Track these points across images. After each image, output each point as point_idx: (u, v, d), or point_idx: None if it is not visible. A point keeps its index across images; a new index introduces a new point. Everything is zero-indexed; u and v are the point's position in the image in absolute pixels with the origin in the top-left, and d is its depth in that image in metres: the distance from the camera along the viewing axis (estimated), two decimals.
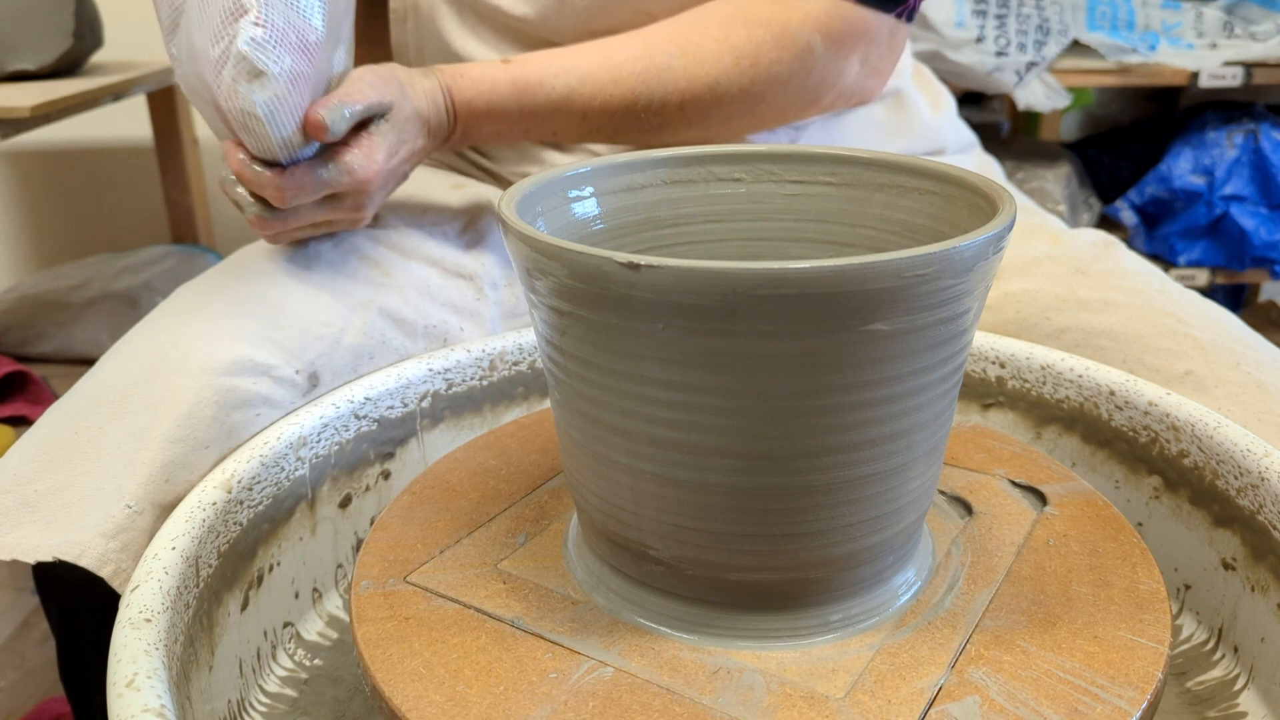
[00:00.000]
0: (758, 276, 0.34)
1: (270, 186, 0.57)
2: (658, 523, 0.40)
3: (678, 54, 0.66)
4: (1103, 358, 0.62)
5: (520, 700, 0.38)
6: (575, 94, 0.65)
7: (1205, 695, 0.49)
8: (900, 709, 0.37)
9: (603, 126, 0.67)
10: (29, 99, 1.18)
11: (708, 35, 0.66)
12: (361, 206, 0.61)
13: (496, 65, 0.65)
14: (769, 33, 0.65)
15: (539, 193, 0.45)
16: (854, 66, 0.69)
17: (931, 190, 0.46)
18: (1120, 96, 2.05)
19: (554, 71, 0.65)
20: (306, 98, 0.56)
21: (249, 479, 0.50)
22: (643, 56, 0.66)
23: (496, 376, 0.64)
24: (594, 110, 0.66)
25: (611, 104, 0.65)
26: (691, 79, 0.66)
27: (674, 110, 0.67)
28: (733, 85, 0.66)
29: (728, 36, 0.66)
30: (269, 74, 0.53)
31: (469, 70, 0.64)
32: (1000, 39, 1.57)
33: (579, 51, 0.66)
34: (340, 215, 0.61)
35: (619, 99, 0.65)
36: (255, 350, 0.56)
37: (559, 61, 0.65)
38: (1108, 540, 0.47)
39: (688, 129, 0.69)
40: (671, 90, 0.66)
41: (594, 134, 0.68)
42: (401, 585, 0.45)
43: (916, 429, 0.39)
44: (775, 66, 0.66)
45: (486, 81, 0.64)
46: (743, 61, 0.65)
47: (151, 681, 0.37)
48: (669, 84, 0.66)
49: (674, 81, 0.66)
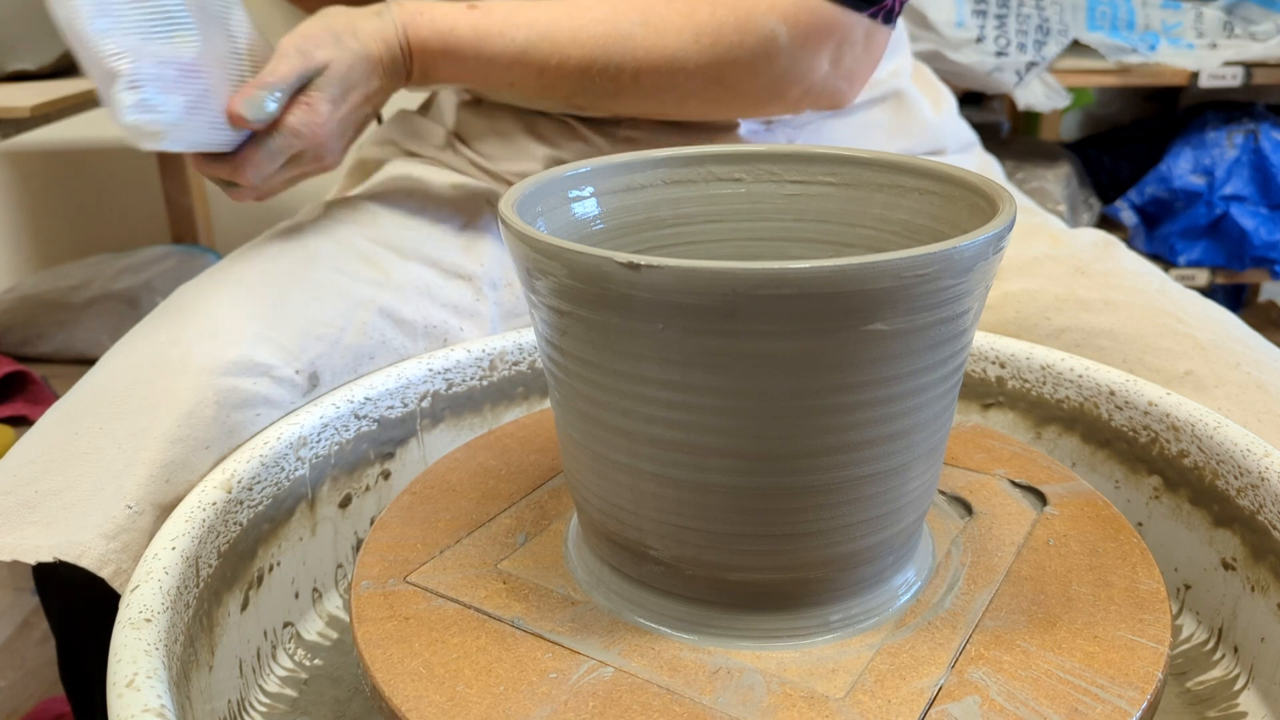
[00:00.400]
0: (758, 276, 0.34)
1: (227, 173, 0.59)
2: (658, 523, 0.40)
3: (640, 22, 0.66)
4: (1103, 358, 0.62)
5: (520, 700, 0.38)
6: (533, 48, 0.65)
7: (1205, 695, 0.49)
8: (900, 709, 0.37)
9: (559, 85, 0.67)
10: (29, 99, 1.18)
11: (673, 9, 0.66)
12: (322, 158, 0.63)
13: (460, 9, 0.65)
14: (733, 15, 0.65)
15: (539, 193, 0.45)
16: (823, 64, 0.68)
17: (931, 190, 0.46)
18: (1120, 96, 2.05)
19: (515, 24, 0.65)
20: (219, 97, 0.57)
21: (249, 479, 0.50)
22: (606, 20, 0.66)
23: (496, 376, 0.64)
24: (550, 68, 0.66)
25: (568, 64, 0.66)
26: (650, 49, 0.66)
27: (629, 78, 0.67)
28: (689, 61, 0.66)
29: (692, 12, 0.66)
30: (163, 128, 0.54)
31: (430, 9, 0.64)
32: (1000, 39, 1.57)
33: (545, 7, 0.66)
34: (307, 168, 0.63)
35: (576, 59, 0.65)
36: (255, 350, 0.56)
37: (523, 15, 0.65)
38: (1108, 540, 0.47)
39: (643, 101, 0.69)
40: (629, 59, 0.66)
41: (550, 91, 0.68)
42: (401, 585, 0.45)
43: (916, 429, 0.39)
44: (735, 50, 0.66)
45: (446, 22, 0.64)
46: (702, 39, 0.65)
47: (151, 681, 0.37)
48: (627, 52, 0.66)
49: (633, 50, 0.66)
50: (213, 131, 0.57)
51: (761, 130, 0.76)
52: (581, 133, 0.77)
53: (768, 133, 0.76)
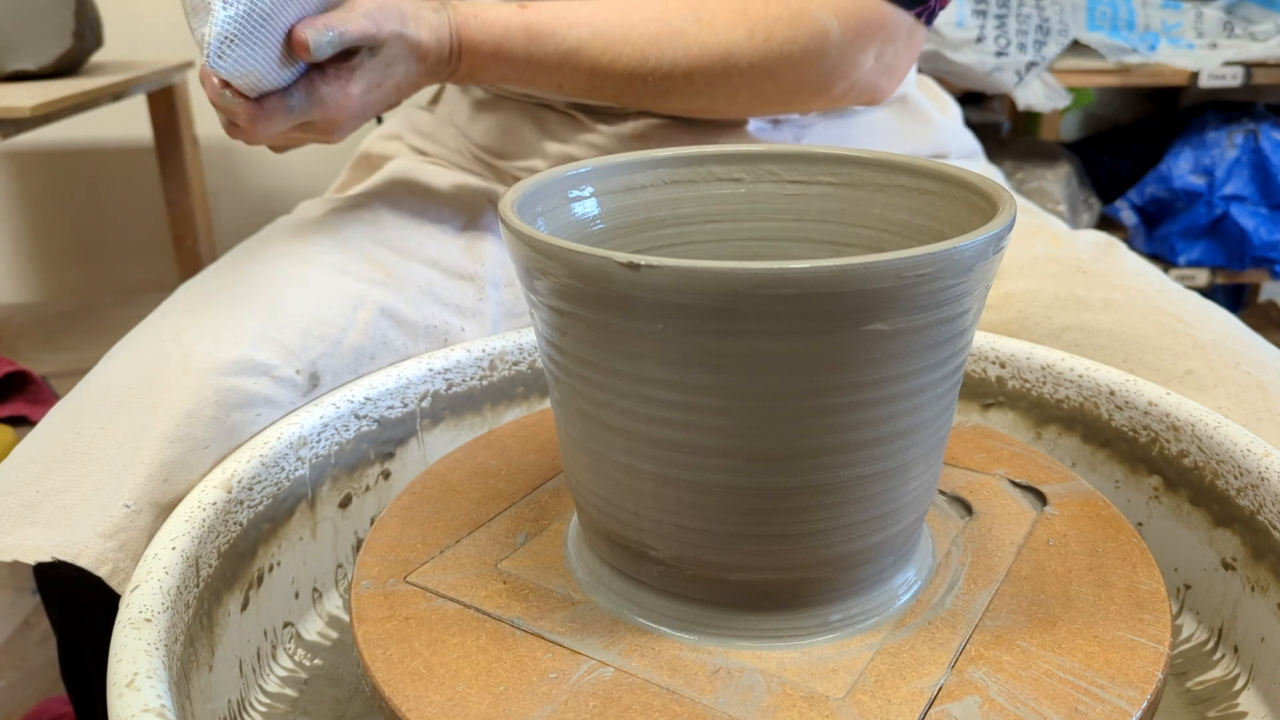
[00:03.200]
0: (758, 276, 0.34)
1: (243, 116, 0.58)
2: (658, 523, 0.40)
3: (692, 19, 0.65)
4: (1103, 357, 0.62)
5: (520, 700, 0.38)
6: (585, 48, 0.65)
7: (1205, 695, 0.49)
8: (900, 709, 0.37)
9: (608, 85, 0.67)
10: (29, 99, 1.18)
11: (725, 5, 0.65)
12: (331, 133, 0.63)
13: (512, 9, 0.64)
14: (787, 10, 0.65)
15: (539, 193, 0.45)
16: (869, 60, 0.69)
17: (932, 190, 0.46)
18: (1120, 96, 2.05)
19: (567, 22, 0.64)
20: (282, 26, 0.56)
21: (249, 479, 0.50)
22: (658, 18, 0.65)
23: (496, 376, 0.64)
24: (601, 67, 0.65)
25: (619, 63, 0.65)
26: (703, 46, 0.65)
27: (682, 77, 0.66)
28: (743, 58, 0.66)
29: (745, 8, 0.65)
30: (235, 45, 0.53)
31: (482, 11, 0.64)
32: (1000, 39, 1.57)
33: (596, 5, 0.66)
34: (311, 137, 0.63)
35: (628, 58, 0.65)
36: (256, 350, 0.56)
37: (574, 13, 0.65)
38: (1108, 540, 0.47)
39: (694, 98, 0.68)
40: (682, 56, 0.65)
41: (599, 91, 0.68)
42: (401, 585, 0.45)
43: (916, 429, 0.39)
44: (789, 45, 0.66)
45: (499, 25, 0.64)
46: (756, 35, 0.65)
47: (151, 681, 0.37)
48: (680, 49, 0.65)
49: (685, 47, 0.65)
50: (263, 59, 0.55)
51: (768, 129, 0.76)
52: (589, 128, 0.76)
53: (773, 131, 0.76)
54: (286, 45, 0.56)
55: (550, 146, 0.77)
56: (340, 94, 0.59)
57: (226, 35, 0.53)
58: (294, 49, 0.56)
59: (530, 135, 0.78)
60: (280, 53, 0.56)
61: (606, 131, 0.76)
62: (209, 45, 0.53)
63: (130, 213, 1.88)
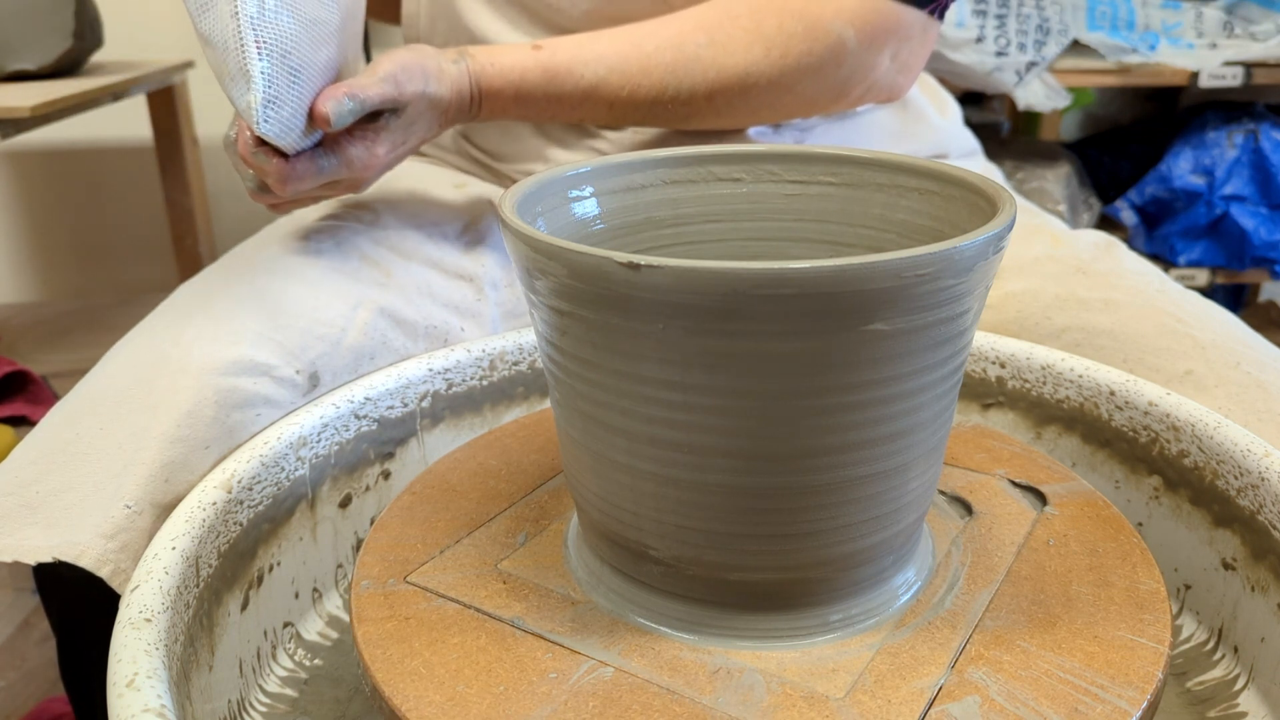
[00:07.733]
0: (758, 276, 0.34)
1: (274, 175, 0.58)
2: (658, 523, 0.40)
3: (707, 43, 0.65)
4: (1103, 357, 0.62)
5: (520, 700, 0.38)
6: (604, 84, 0.65)
7: (1205, 695, 0.49)
8: (900, 709, 0.37)
9: (630, 115, 0.67)
10: (29, 99, 1.18)
11: (738, 25, 0.65)
12: (356, 187, 0.63)
13: (527, 52, 0.64)
14: (801, 24, 0.65)
15: (539, 193, 0.45)
16: (885, 61, 0.69)
17: (931, 190, 0.46)
18: (1120, 96, 2.06)
19: (584, 60, 0.64)
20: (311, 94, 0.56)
21: (249, 479, 0.50)
22: (672, 46, 0.65)
23: (496, 376, 0.64)
24: (621, 100, 0.65)
25: (639, 94, 0.65)
26: (720, 69, 0.65)
27: (702, 100, 0.66)
28: (762, 76, 0.66)
29: (758, 26, 0.65)
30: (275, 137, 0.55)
31: (500, 59, 0.64)
32: (1000, 39, 1.57)
33: (609, 39, 0.66)
34: (337, 193, 0.63)
35: (647, 89, 0.65)
36: (256, 350, 0.56)
37: (589, 49, 0.65)
38: (1108, 540, 0.47)
39: (715, 119, 0.69)
40: (700, 81, 0.65)
41: (623, 120, 0.68)
42: (401, 585, 0.45)
43: (916, 429, 0.39)
44: (805, 58, 0.65)
45: (516, 71, 0.64)
46: (772, 53, 0.65)
47: (151, 681, 0.37)
48: (698, 75, 0.65)
49: (703, 72, 0.65)
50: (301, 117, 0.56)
51: (769, 132, 0.76)
52: (591, 131, 0.77)
53: (775, 134, 0.76)
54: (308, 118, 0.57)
55: (551, 151, 0.77)
56: (367, 155, 0.59)
57: (269, 98, 0.53)
58: (315, 121, 0.56)
59: (532, 139, 0.78)
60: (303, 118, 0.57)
61: (611, 137, 0.76)
62: (255, 110, 0.53)
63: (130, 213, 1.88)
